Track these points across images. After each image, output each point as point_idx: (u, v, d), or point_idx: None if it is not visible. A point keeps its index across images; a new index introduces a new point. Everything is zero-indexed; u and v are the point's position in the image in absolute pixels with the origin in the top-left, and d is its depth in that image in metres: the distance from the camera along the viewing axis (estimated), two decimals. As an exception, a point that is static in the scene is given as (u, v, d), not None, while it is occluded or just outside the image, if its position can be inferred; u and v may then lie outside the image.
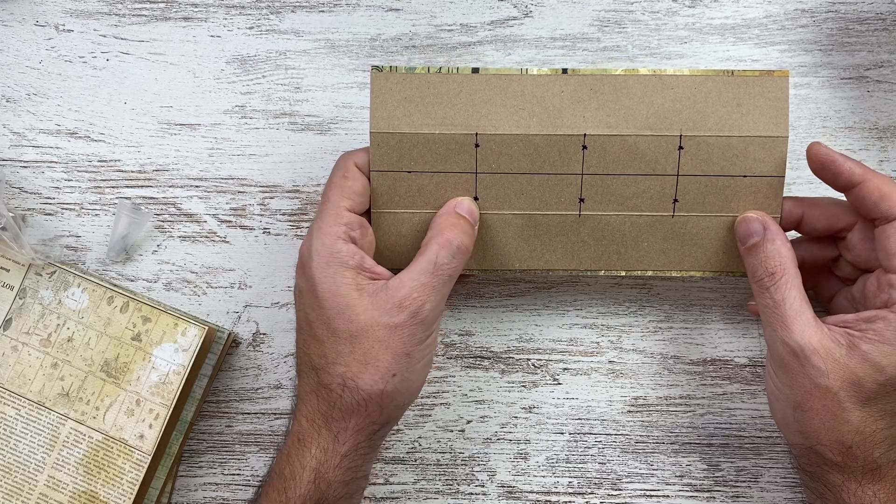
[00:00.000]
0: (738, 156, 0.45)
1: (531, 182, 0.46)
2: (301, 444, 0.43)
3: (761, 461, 0.51)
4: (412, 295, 0.42)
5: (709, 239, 0.46)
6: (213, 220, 0.52)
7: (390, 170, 0.46)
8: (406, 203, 0.46)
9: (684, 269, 0.47)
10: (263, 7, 0.53)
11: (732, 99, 0.44)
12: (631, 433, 0.51)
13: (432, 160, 0.45)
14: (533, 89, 0.45)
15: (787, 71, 0.45)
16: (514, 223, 0.46)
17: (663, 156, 0.45)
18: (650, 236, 0.46)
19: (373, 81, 0.45)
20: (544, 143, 0.45)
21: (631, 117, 0.45)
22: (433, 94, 0.45)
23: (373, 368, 0.42)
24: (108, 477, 0.48)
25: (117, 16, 0.53)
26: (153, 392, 0.48)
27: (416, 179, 0.46)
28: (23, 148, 0.52)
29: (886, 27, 0.53)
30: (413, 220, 0.46)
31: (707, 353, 0.51)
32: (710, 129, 0.45)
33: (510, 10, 0.53)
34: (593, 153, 0.45)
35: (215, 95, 0.53)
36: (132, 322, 0.49)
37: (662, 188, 0.46)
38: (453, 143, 0.45)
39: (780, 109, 0.44)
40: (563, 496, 0.51)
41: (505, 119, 0.45)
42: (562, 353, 0.51)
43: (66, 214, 0.52)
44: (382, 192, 0.46)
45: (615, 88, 0.45)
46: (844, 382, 0.41)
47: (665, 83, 0.45)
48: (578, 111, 0.45)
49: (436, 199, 0.46)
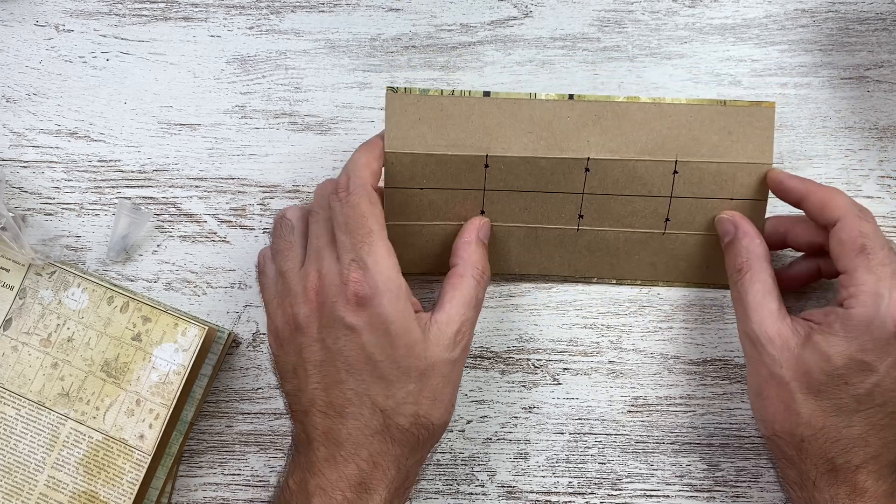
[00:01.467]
0: (727, 180, 0.48)
1: (535, 199, 0.49)
2: (366, 490, 0.42)
3: (761, 461, 0.51)
4: (462, 329, 0.43)
5: (695, 254, 0.50)
6: (213, 220, 0.52)
7: (403, 186, 0.47)
8: (416, 216, 0.48)
9: (670, 280, 0.50)
10: (263, 7, 0.53)
11: (724, 127, 0.48)
12: (631, 433, 0.51)
13: (444, 178, 0.48)
14: (541, 114, 0.47)
15: (773, 102, 0.47)
16: (516, 233, 0.49)
17: (659, 179, 0.48)
18: (641, 250, 0.50)
19: (388, 102, 0.46)
20: (550, 166, 0.48)
21: (631, 142, 0.48)
22: (446, 117, 0.47)
23: (440, 403, 0.43)
24: (108, 477, 0.48)
25: (117, 16, 0.53)
26: (153, 392, 0.48)
27: (427, 194, 0.48)
28: (23, 148, 0.52)
29: (886, 27, 0.53)
30: (422, 231, 0.49)
31: (707, 353, 0.51)
32: (703, 155, 0.48)
33: (510, 10, 0.53)
34: (595, 175, 0.48)
35: (215, 95, 0.53)
36: (132, 322, 0.49)
37: (656, 208, 0.49)
38: (464, 163, 0.47)
39: (766, 138, 0.48)
40: (563, 496, 0.51)
41: (514, 141, 0.47)
42: (562, 353, 0.51)
43: (66, 214, 0.52)
44: (394, 205, 0.48)
45: (617, 115, 0.47)
46: (796, 372, 0.42)
47: (663, 111, 0.47)
48: (583, 136, 0.47)
49: (445, 213, 0.48)
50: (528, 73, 0.53)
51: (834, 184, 0.52)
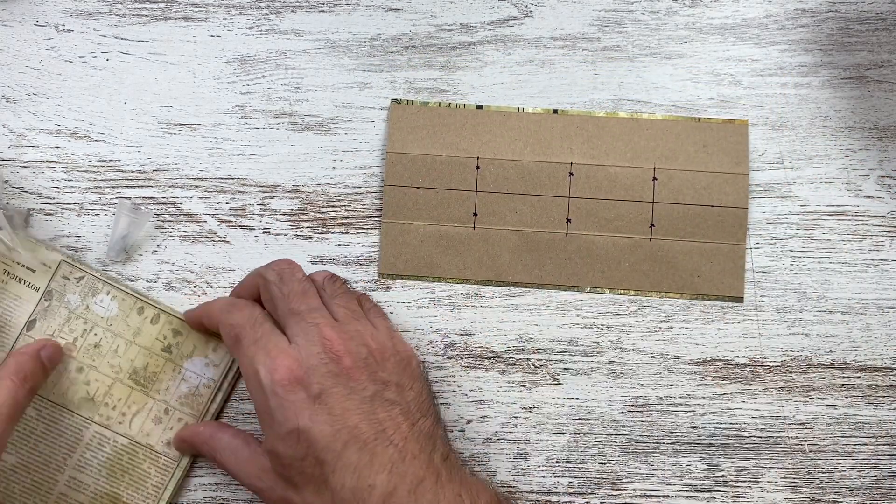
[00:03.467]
0: (706, 187, 0.51)
1: (524, 202, 0.51)
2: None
3: (761, 461, 0.51)
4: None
5: (683, 262, 0.51)
6: (213, 220, 0.52)
7: (401, 185, 0.51)
8: (412, 215, 0.51)
9: (662, 290, 0.51)
10: (263, 7, 0.53)
11: (699, 140, 0.51)
12: (631, 433, 0.51)
13: (438, 178, 0.51)
14: (528, 124, 0.52)
15: (746, 121, 0.51)
16: (509, 238, 0.51)
17: (640, 184, 0.51)
18: (630, 257, 0.51)
19: (391, 111, 0.52)
20: (536, 169, 0.51)
21: (611, 151, 0.51)
22: (442, 124, 0.52)
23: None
24: (132, 480, 0.48)
25: (117, 16, 0.53)
26: (182, 402, 0.49)
27: (423, 195, 0.51)
28: (23, 148, 0.52)
29: (887, 27, 0.53)
30: (418, 230, 0.51)
31: (707, 353, 0.51)
32: (679, 164, 0.51)
33: (510, 10, 0.53)
34: (579, 179, 0.51)
35: (215, 95, 0.53)
36: (163, 334, 0.49)
37: (640, 213, 0.51)
38: (457, 164, 0.51)
39: (741, 152, 0.51)
40: (564, 496, 0.51)
41: (503, 147, 0.52)
42: (562, 353, 0.51)
43: (66, 214, 0.52)
44: (392, 204, 0.51)
45: (598, 127, 0.51)
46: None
47: (641, 125, 0.51)
48: (566, 144, 0.51)
49: (439, 214, 0.51)
50: (528, 73, 0.53)
51: (834, 184, 0.52)
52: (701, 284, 0.51)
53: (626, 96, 0.52)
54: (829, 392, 0.51)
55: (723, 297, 0.51)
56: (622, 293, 0.51)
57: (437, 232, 0.51)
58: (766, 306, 0.51)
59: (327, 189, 0.52)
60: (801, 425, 0.51)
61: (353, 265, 0.52)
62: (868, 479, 0.50)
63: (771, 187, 0.52)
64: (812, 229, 0.52)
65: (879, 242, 0.52)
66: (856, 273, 0.51)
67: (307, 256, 0.52)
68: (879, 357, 0.51)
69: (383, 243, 0.51)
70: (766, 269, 0.51)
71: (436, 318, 0.51)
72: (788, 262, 0.51)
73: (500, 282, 0.51)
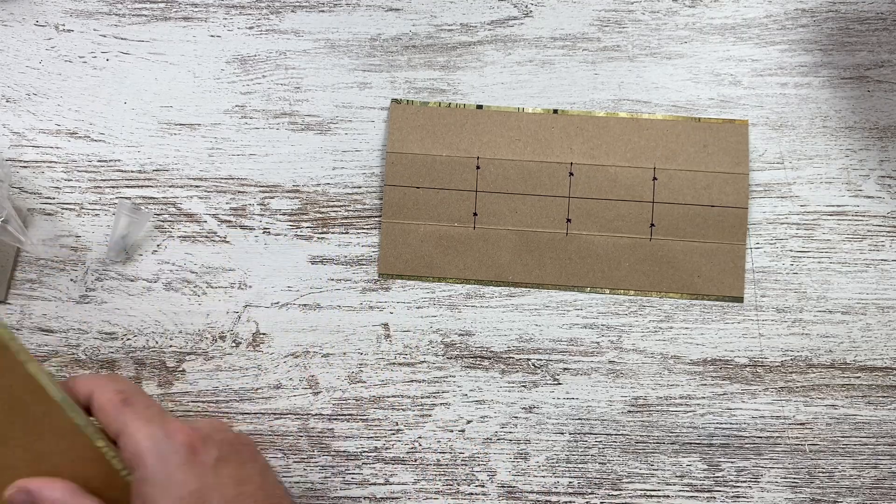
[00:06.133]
0: (706, 187, 0.51)
1: (524, 202, 0.51)
2: None
3: (761, 461, 0.51)
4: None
5: (683, 262, 0.51)
6: (213, 220, 0.52)
7: (402, 185, 0.51)
8: (413, 215, 0.51)
9: (662, 290, 0.51)
10: (263, 7, 0.53)
11: (699, 140, 0.51)
12: (631, 433, 0.51)
13: (439, 178, 0.51)
14: (528, 124, 0.52)
15: (747, 121, 0.51)
16: (509, 238, 0.51)
17: (640, 184, 0.51)
18: (630, 257, 0.51)
19: (391, 111, 0.52)
20: (536, 168, 0.51)
21: (611, 151, 0.51)
22: (442, 124, 0.52)
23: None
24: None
25: (117, 16, 0.53)
26: None
27: (423, 195, 0.51)
28: (23, 148, 0.52)
29: (887, 27, 0.53)
30: (418, 230, 0.51)
31: (707, 353, 0.51)
32: (679, 164, 0.51)
33: (510, 10, 0.53)
34: (579, 179, 0.51)
35: (215, 95, 0.53)
36: None
37: (640, 213, 0.51)
38: (458, 164, 0.51)
39: (741, 152, 0.51)
40: (564, 496, 0.51)
41: (503, 147, 0.51)
42: (562, 353, 0.51)
43: (66, 214, 0.52)
44: (393, 204, 0.51)
45: (598, 127, 0.51)
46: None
47: (641, 125, 0.51)
48: (566, 144, 0.51)
49: (439, 214, 0.51)
50: (528, 72, 0.53)
51: (834, 184, 0.52)
52: (701, 284, 0.51)
53: (627, 96, 0.52)
54: (829, 392, 0.51)
55: (723, 297, 0.51)
56: (622, 293, 0.51)
57: (437, 232, 0.51)
58: (767, 306, 0.51)
59: (327, 189, 0.52)
60: (801, 425, 0.51)
61: (353, 265, 0.52)
62: (868, 479, 0.50)
63: (771, 187, 0.52)
64: (812, 229, 0.52)
65: (879, 242, 0.52)
66: (856, 273, 0.51)
67: (307, 256, 0.52)
68: (879, 357, 0.51)
69: (383, 243, 0.51)
70: (766, 269, 0.51)
71: (436, 318, 0.51)
72: (788, 262, 0.51)
73: (500, 282, 0.51)
